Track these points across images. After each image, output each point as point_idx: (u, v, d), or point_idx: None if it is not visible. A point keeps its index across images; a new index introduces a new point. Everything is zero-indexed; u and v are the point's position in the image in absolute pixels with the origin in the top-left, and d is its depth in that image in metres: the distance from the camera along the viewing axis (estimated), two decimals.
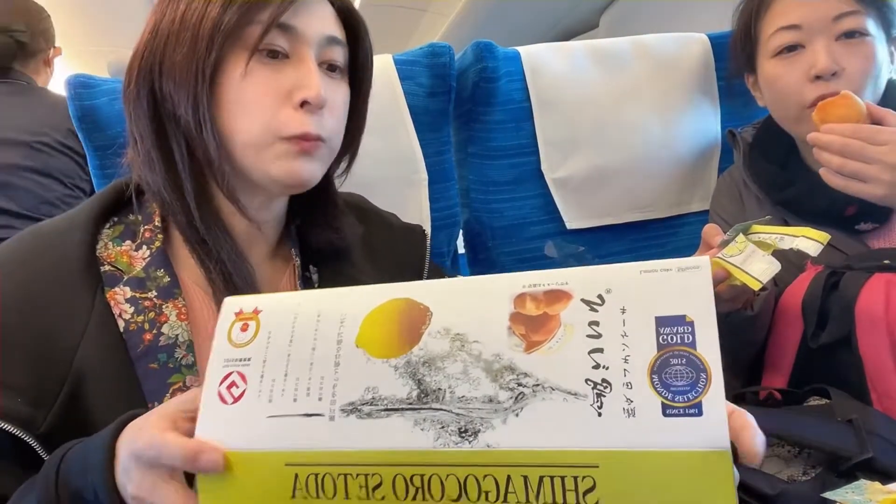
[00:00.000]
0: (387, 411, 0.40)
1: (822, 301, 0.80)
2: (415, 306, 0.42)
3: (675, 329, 0.36)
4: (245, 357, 0.44)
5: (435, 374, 0.40)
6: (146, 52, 0.58)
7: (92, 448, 0.45)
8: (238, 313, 0.46)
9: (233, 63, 0.57)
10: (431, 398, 0.39)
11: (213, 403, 0.43)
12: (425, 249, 0.77)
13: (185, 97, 0.56)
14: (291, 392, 0.42)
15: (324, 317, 0.44)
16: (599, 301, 0.38)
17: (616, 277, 0.39)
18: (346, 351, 0.42)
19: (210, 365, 0.44)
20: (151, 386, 0.56)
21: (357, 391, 0.41)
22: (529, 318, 0.39)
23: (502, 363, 0.39)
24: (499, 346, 0.39)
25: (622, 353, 0.37)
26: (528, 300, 0.40)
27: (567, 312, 0.39)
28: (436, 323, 0.41)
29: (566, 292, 0.39)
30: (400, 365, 0.40)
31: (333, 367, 0.42)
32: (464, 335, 0.40)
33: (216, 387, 0.44)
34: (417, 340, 0.41)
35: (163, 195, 0.59)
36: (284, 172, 0.59)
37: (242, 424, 0.42)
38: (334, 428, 0.40)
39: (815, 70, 0.83)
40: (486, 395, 0.38)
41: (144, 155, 0.59)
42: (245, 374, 0.43)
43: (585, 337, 0.38)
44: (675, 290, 0.37)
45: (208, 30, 0.55)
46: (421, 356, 0.40)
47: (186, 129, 0.57)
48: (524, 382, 0.38)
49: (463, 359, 0.39)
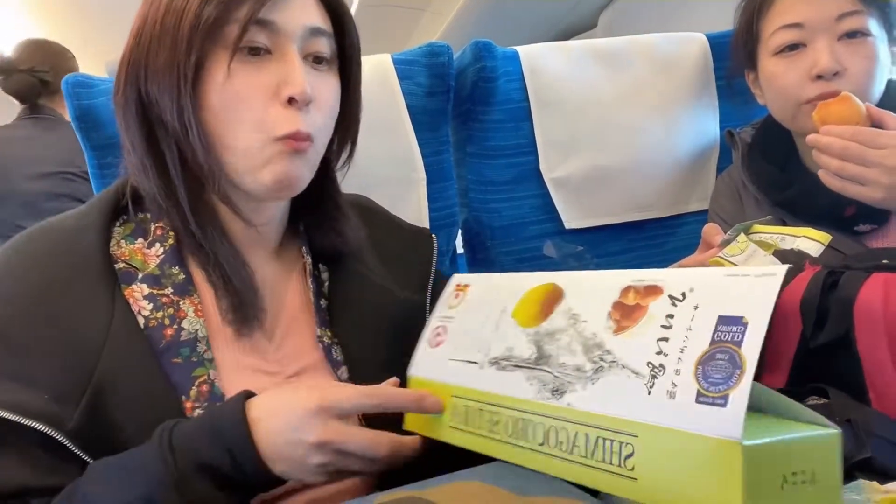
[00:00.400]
0: (513, 367, 0.50)
1: (820, 300, 0.80)
2: (557, 290, 0.51)
3: (730, 328, 0.39)
4: (450, 316, 0.59)
5: (551, 343, 0.48)
6: (131, 57, 0.58)
7: (222, 421, 0.50)
8: (458, 285, 0.62)
9: (214, 64, 0.55)
10: (542, 361, 0.48)
11: (424, 347, 0.60)
12: (432, 253, 0.77)
13: (170, 102, 0.55)
14: (465, 343, 0.56)
15: (501, 290, 0.56)
16: (681, 297, 0.43)
17: (702, 279, 0.43)
18: (504, 319, 0.54)
19: (430, 320, 0.62)
20: (177, 379, 0.57)
21: (501, 349, 0.52)
22: (625, 307, 0.46)
23: (595, 341, 0.46)
24: (597, 326, 0.46)
25: (682, 343, 0.41)
26: (631, 292, 0.46)
27: (654, 304, 0.44)
28: (564, 304, 0.50)
29: (660, 287, 0.45)
30: (531, 333, 0.50)
31: (493, 330, 0.54)
32: (578, 315, 0.48)
33: (429, 335, 0.60)
34: (549, 316, 0.50)
35: (158, 201, 0.59)
36: (275, 175, 0.57)
37: (435, 363, 0.58)
38: (481, 374, 0.52)
39: (817, 69, 0.83)
40: (577, 364, 0.45)
41: (137, 162, 0.59)
42: (447, 327, 0.59)
43: (659, 327, 0.42)
44: (743, 292, 0.40)
45: (187, 31, 0.54)
46: (546, 329, 0.50)
47: (174, 133, 0.57)
48: (605, 358, 0.44)
49: (571, 334, 0.48)
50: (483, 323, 0.55)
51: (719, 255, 0.72)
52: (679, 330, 0.41)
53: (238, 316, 0.60)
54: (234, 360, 0.61)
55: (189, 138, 0.56)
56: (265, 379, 0.61)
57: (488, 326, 0.54)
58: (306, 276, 0.68)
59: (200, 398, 0.57)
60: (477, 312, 0.57)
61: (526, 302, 0.53)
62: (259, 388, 0.59)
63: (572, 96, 1.08)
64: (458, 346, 0.56)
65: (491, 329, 0.54)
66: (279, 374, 0.62)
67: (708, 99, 1.15)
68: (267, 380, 0.61)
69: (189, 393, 0.57)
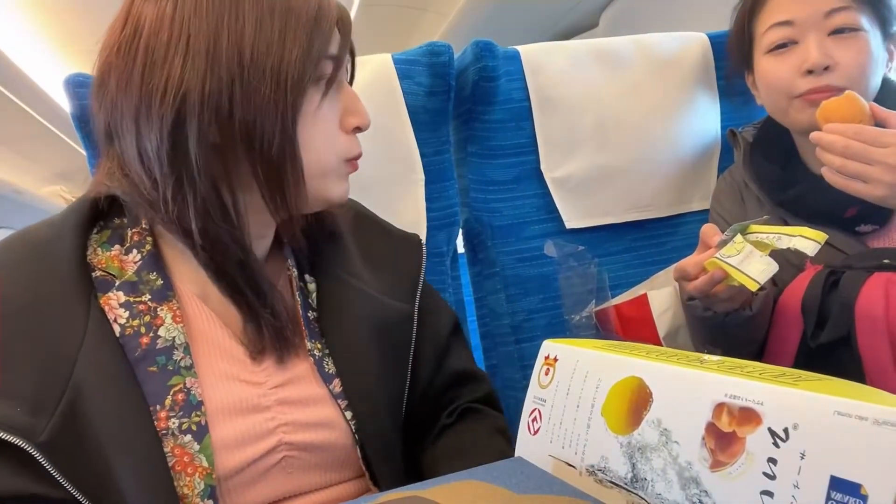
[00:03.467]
0: (610, 483, 0.47)
1: (821, 300, 0.80)
2: (643, 389, 0.47)
3: (847, 499, 0.34)
4: (543, 398, 0.55)
5: (644, 462, 0.45)
6: (207, 84, 0.53)
7: None
8: (546, 358, 0.56)
9: (307, 98, 0.57)
10: (639, 486, 0.45)
11: (525, 431, 0.56)
12: (422, 259, 0.76)
13: (271, 134, 0.54)
14: (560, 440, 0.52)
15: (589, 378, 0.51)
16: (783, 437, 0.38)
17: (808, 411, 0.37)
18: (595, 416, 0.50)
19: (526, 398, 0.56)
20: (151, 388, 0.56)
21: (596, 456, 0.49)
22: (720, 434, 0.41)
23: (691, 473, 0.42)
24: (691, 454, 0.42)
25: (789, 503, 0.37)
26: (725, 413, 0.41)
27: (753, 438, 0.39)
28: (653, 411, 0.46)
29: (758, 414, 0.40)
30: (623, 444, 0.47)
31: (585, 428, 0.50)
32: (669, 432, 0.44)
33: (527, 417, 0.56)
34: (638, 424, 0.46)
35: (222, 239, 0.57)
36: (342, 192, 0.63)
37: (537, 454, 0.53)
38: (581, 481, 0.49)
39: (807, 64, 0.84)
40: (675, 500, 0.43)
41: (201, 199, 0.55)
42: (542, 412, 0.54)
43: (761, 474, 0.38)
44: (860, 448, 0.34)
45: (295, 71, 0.54)
46: (638, 441, 0.46)
47: (265, 166, 0.55)
48: (704, 500, 0.41)
49: (664, 456, 0.44)
50: (575, 419, 0.51)
51: (716, 257, 0.72)
52: (784, 484, 0.37)
53: (279, 346, 0.62)
54: (216, 368, 0.60)
55: (286, 168, 0.56)
56: (248, 389, 0.60)
57: (580, 423, 0.51)
58: (293, 289, 0.67)
59: (175, 407, 0.56)
60: (567, 401, 0.53)
61: (614, 398, 0.49)
62: (242, 397, 0.60)
63: (573, 96, 1.08)
64: (555, 438, 0.53)
65: (583, 427, 0.50)
66: (263, 385, 0.61)
67: (709, 98, 1.15)
68: (250, 389, 0.61)
69: (164, 402, 0.56)
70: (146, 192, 0.56)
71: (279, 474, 0.61)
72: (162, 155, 0.54)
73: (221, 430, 0.57)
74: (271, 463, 0.60)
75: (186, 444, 0.55)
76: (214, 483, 0.56)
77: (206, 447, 0.56)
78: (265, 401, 0.61)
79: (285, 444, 0.61)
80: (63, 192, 5.09)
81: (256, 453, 0.59)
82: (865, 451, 0.34)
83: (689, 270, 0.76)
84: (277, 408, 0.61)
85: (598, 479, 0.48)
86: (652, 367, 0.47)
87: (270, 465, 0.60)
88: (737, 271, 0.69)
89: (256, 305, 0.60)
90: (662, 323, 0.97)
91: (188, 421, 0.56)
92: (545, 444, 0.53)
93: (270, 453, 0.60)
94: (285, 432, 0.61)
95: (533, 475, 0.45)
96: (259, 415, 0.60)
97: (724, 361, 0.46)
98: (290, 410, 0.62)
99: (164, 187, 0.55)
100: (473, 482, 0.44)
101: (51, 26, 2.92)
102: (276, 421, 0.60)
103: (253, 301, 0.60)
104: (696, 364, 0.46)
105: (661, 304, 0.98)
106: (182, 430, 0.56)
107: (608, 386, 0.49)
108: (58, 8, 2.81)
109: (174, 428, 0.55)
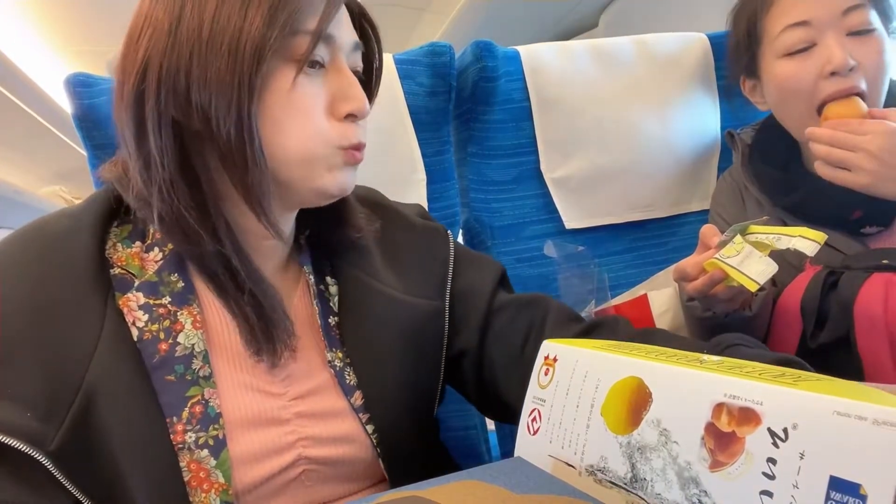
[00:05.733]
0: (611, 483, 0.47)
1: (820, 301, 0.80)
2: (643, 389, 0.47)
3: (846, 499, 0.34)
4: (543, 398, 0.54)
5: (644, 463, 0.45)
6: (164, 61, 0.51)
7: None
8: (545, 358, 0.55)
9: (278, 76, 0.53)
10: (639, 486, 0.45)
11: (524, 431, 0.55)
12: (448, 251, 0.72)
13: (226, 112, 0.51)
14: (560, 439, 0.52)
15: (588, 378, 0.51)
16: (783, 436, 0.38)
17: (807, 411, 0.37)
18: (594, 416, 0.50)
19: (526, 398, 0.55)
20: (168, 399, 0.54)
21: (595, 456, 0.48)
22: (720, 434, 0.41)
23: (690, 473, 0.42)
24: (691, 454, 0.42)
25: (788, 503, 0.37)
26: (724, 413, 0.41)
27: (752, 438, 0.39)
28: (653, 411, 0.46)
29: (757, 414, 0.40)
30: (623, 443, 0.47)
31: (585, 428, 0.50)
32: (669, 433, 0.44)
33: (527, 417, 0.55)
34: (638, 424, 0.46)
35: (184, 225, 0.54)
36: (338, 183, 0.57)
37: (536, 454, 0.53)
38: (581, 481, 0.49)
39: (832, 66, 0.80)
40: (674, 500, 0.43)
41: (165, 181, 0.53)
42: (541, 412, 0.54)
43: (761, 474, 0.38)
44: (860, 448, 0.34)
45: (254, 42, 0.50)
46: (638, 441, 0.46)
47: (225, 147, 0.52)
48: (703, 500, 0.41)
49: (664, 456, 0.44)
50: (574, 419, 0.51)
51: (715, 257, 0.72)
52: (783, 485, 0.37)
53: (270, 346, 0.58)
54: (234, 378, 0.58)
55: (247, 151, 0.52)
56: (268, 400, 0.59)
57: (580, 423, 0.51)
58: (311, 295, 0.64)
59: (193, 420, 0.54)
60: (567, 401, 0.53)
61: (613, 398, 0.49)
62: (261, 409, 0.58)
63: (573, 96, 1.08)
64: (554, 439, 0.52)
65: (582, 426, 0.50)
66: (283, 396, 0.60)
67: (709, 98, 1.15)
68: (270, 401, 0.59)
69: (181, 414, 0.54)
70: (125, 175, 0.56)
71: (298, 487, 0.59)
72: (129, 135, 0.53)
73: (239, 444, 0.56)
74: (290, 477, 0.59)
75: (203, 460, 0.54)
76: (231, 500, 0.54)
77: (223, 462, 0.54)
78: (285, 413, 0.59)
79: (305, 458, 0.59)
80: (63, 193, 5.08)
81: (275, 468, 0.57)
82: (865, 451, 0.34)
83: (689, 271, 0.76)
84: (297, 421, 0.59)
85: (597, 479, 0.48)
86: (651, 366, 0.47)
87: (289, 480, 0.59)
88: (736, 272, 0.69)
89: (241, 302, 0.57)
90: (662, 323, 0.97)
91: (205, 435, 0.54)
92: (545, 444, 0.53)
93: (290, 468, 0.58)
94: (305, 447, 0.59)
95: (532, 475, 0.45)
96: (278, 428, 0.58)
97: (723, 361, 0.46)
98: (310, 424, 0.60)
99: (133, 169, 0.54)
100: (472, 482, 0.44)
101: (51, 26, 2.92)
102: (295, 434, 0.59)
103: (238, 297, 0.57)
104: (695, 364, 0.46)
105: (661, 305, 0.98)
106: (199, 445, 0.54)
107: (608, 386, 0.49)
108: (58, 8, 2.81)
109: (190, 442, 0.54)
